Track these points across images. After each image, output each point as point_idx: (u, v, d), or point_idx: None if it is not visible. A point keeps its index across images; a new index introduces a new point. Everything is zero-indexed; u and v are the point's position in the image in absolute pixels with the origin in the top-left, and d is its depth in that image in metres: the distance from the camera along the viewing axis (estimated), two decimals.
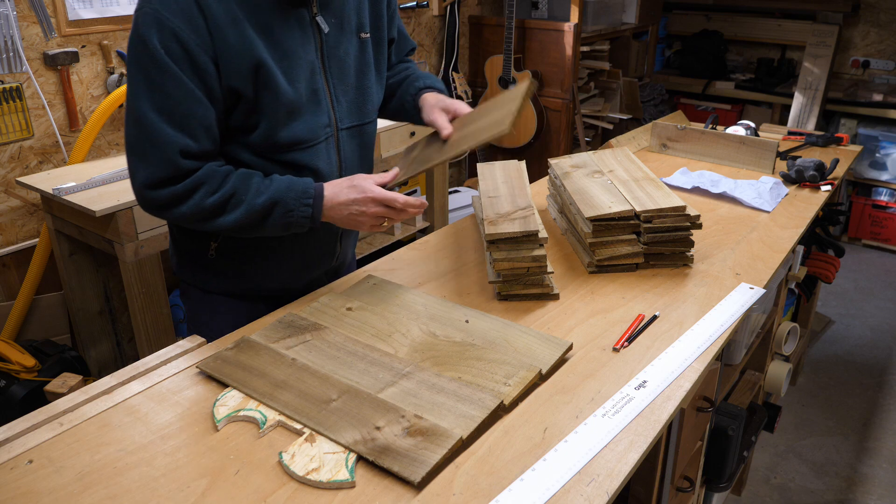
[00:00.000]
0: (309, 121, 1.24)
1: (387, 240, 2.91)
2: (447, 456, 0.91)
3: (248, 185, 1.18)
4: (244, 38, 1.13)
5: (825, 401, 2.71)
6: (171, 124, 1.11)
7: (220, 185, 1.16)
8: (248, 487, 0.88)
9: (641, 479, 1.26)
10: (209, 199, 1.15)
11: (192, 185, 1.14)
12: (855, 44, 4.30)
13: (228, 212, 1.17)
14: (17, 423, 0.99)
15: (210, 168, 1.16)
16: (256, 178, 1.19)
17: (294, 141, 1.24)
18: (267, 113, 1.19)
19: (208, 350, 1.17)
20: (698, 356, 1.16)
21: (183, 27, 1.08)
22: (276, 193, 1.18)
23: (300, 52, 1.20)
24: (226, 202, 1.16)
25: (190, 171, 1.14)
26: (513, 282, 1.33)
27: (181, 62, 1.09)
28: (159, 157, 1.11)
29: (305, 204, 1.19)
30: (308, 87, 1.23)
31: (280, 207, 1.18)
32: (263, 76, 1.15)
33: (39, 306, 2.33)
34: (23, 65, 2.16)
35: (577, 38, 3.56)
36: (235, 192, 1.16)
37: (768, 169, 2.06)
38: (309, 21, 1.21)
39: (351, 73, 1.31)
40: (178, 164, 1.12)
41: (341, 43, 1.27)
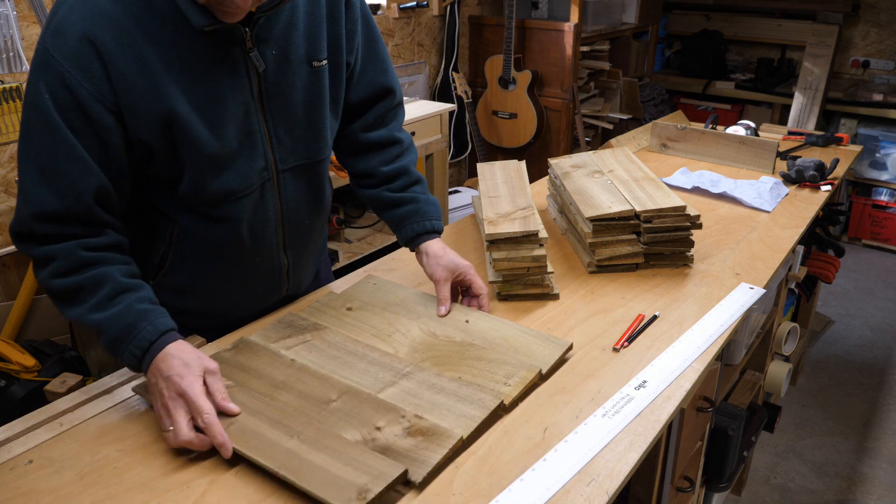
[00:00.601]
0: (241, 168, 1.10)
1: (387, 240, 2.91)
2: (448, 456, 0.91)
3: (96, 290, 1.00)
4: (154, 88, 0.99)
5: (825, 401, 2.71)
6: (41, 180, 0.98)
7: (71, 272, 1.00)
8: (248, 487, 0.88)
9: (641, 479, 1.26)
10: (55, 280, 1.00)
11: (44, 256, 1.00)
12: (855, 44, 4.31)
13: (71, 305, 1.01)
14: (17, 423, 0.99)
15: (68, 247, 1.00)
16: (108, 287, 1.00)
17: (224, 193, 1.10)
18: (188, 166, 1.06)
19: (208, 350, 1.17)
20: (698, 356, 1.16)
21: (73, 72, 0.94)
22: (110, 323, 0.99)
23: (228, 96, 1.05)
24: (69, 293, 1.01)
25: (45, 237, 1.00)
26: (513, 282, 1.33)
27: (69, 112, 0.95)
28: (20, 213, 1.00)
29: (133, 353, 0.99)
30: (240, 131, 1.08)
31: (107, 338, 1.00)
32: (179, 129, 1.02)
33: (39, 306, 2.33)
34: (23, 65, 2.16)
35: (577, 38, 3.56)
36: (82, 288, 1.00)
37: (768, 169, 2.06)
38: (241, 57, 1.05)
39: (298, 107, 1.14)
40: (32, 228, 0.99)
41: (286, 76, 1.11)
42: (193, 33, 0.99)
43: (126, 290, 1.01)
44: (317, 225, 1.32)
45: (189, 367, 0.96)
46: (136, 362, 0.99)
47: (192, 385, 0.94)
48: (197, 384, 0.95)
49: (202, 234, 1.15)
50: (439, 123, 3.00)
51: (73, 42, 0.94)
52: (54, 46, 0.94)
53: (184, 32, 0.99)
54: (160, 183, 1.10)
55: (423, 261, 1.29)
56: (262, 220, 1.18)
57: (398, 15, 3.42)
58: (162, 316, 1.01)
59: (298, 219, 1.24)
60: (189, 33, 0.99)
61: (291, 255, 1.27)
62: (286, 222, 1.22)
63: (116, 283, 1.01)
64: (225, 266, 1.20)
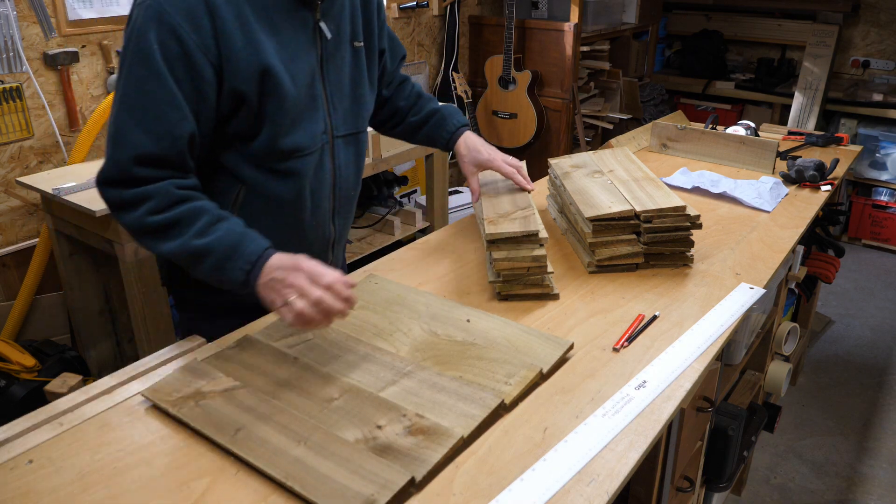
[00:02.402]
0: (308, 127, 1.22)
1: (387, 240, 2.91)
2: (448, 455, 0.91)
3: (193, 220, 1.08)
4: (253, 42, 1.10)
5: (825, 401, 2.71)
6: (139, 125, 1.05)
7: (168, 208, 1.07)
8: (248, 487, 0.88)
9: (641, 479, 1.26)
10: (151, 217, 1.07)
11: (139, 196, 1.07)
12: (855, 44, 4.31)
13: (168, 239, 1.08)
14: (17, 423, 0.99)
15: (164, 186, 1.08)
16: (207, 217, 1.09)
17: (295, 148, 1.21)
18: (270, 119, 1.16)
19: (210, 349, 1.17)
20: (698, 356, 1.16)
21: (184, 25, 1.04)
22: (216, 243, 1.07)
23: (303, 58, 1.18)
24: (167, 227, 1.07)
25: (142, 179, 1.07)
26: (513, 282, 1.33)
27: (174, 62, 1.04)
28: (116, 156, 1.06)
29: (242, 268, 1.06)
30: (308, 92, 1.21)
31: (212, 259, 1.07)
32: (270, 81, 1.12)
33: (39, 306, 2.33)
34: (23, 65, 2.16)
35: (577, 38, 3.56)
36: (179, 221, 1.07)
37: (768, 169, 2.06)
38: (312, 26, 1.19)
39: (347, 81, 1.29)
40: (130, 171, 1.06)
41: (339, 51, 1.26)
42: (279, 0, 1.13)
43: (222, 219, 1.10)
44: (355, 200, 1.44)
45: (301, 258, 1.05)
46: (244, 276, 1.06)
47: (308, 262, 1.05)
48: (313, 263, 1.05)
49: (267, 193, 1.24)
50: None
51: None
52: (168, 1, 1.03)
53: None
54: (235, 139, 1.18)
55: (458, 161, 1.51)
56: (321, 182, 1.29)
57: (398, 15, 3.42)
58: (260, 236, 1.10)
59: (347, 186, 1.36)
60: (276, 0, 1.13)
61: (338, 225, 1.39)
62: (337, 188, 1.34)
63: (213, 213, 1.10)
64: (283, 230, 1.27)
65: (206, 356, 1.13)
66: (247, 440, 0.93)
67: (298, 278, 1.03)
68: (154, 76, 1.04)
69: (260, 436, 0.93)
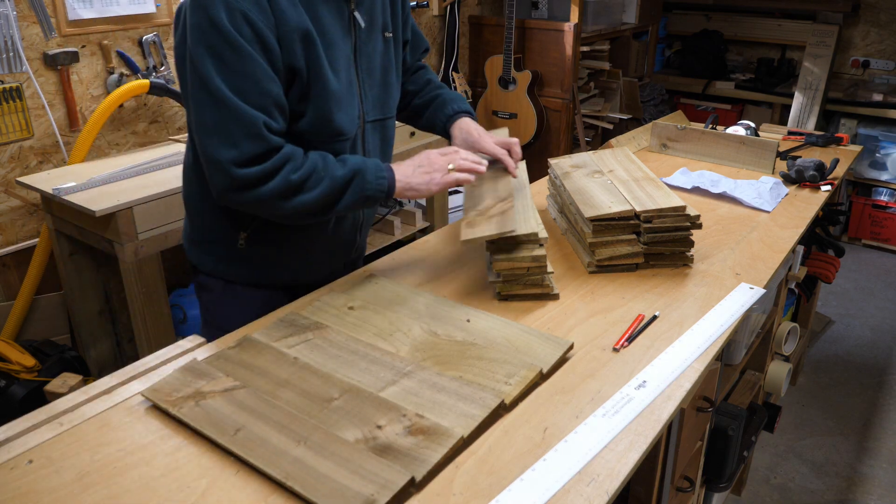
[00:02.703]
0: (348, 112, 1.29)
1: (387, 240, 2.91)
2: (448, 455, 0.91)
3: (326, 162, 1.22)
4: (302, 21, 1.17)
5: (825, 401, 2.71)
6: (250, 103, 1.13)
7: (303, 162, 1.19)
8: (248, 487, 0.88)
9: (641, 479, 1.26)
10: (294, 174, 1.17)
11: (279, 162, 1.16)
12: (855, 44, 4.31)
13: (310, 188, 1.19)
14: (17, 423, 0.99)
15: (291, 147, 1.20)
16: (330, 156, 1.23)
17: (340, 131, 1.28)
18: (315, 99, 1.22)
19: (210, 349, 1.17)
20: (698, 356, 1.16)
21: (251, 8, 1.11)
22: (354, 166, 1.22)
23: (341, 44, 1.25)
24: (308, 177, 1.19)
25: (277, 147, 1.17)
26: (513, 282, 1.33)
27: (253, 43, 1.12)
28: (247, 134, 1.13)
29: (380, 176, 1.24)
30: (345, 78, 1.27)
31: (359, 178, 1.22)
32: (314, 61, 1.20)
33: (39, 306, 2.33)
34: (23, 65, 2.16)
35: (577, 38, 3.56)
36: (316, 168, 1.20)
37: (768, 169, 2.06)
38: (348, 15, 1.26)
39: (377, 69, 1.36)
40: (268, 140, 1.15)
41: (371, 40, 1.33)
42: None
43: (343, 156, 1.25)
44: None
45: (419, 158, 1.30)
46: (386, 183, 1.25)
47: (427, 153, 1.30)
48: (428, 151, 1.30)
49: None
50: None
51: None
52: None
53: None
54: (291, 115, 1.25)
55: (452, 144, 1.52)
56: None
57: None
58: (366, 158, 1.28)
59: None
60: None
61: (364, 211, 1.48)
62: None
63: (330, 157, 1.23)
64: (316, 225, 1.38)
65: (206, 356, 1.13)
66: (247, 440, 0.93)
67: (435, 157, 1.29)
68: (245, 57, 1.11)
69: (260, 436, 0.93)
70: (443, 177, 1.27)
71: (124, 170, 2.12)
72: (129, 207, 1.95)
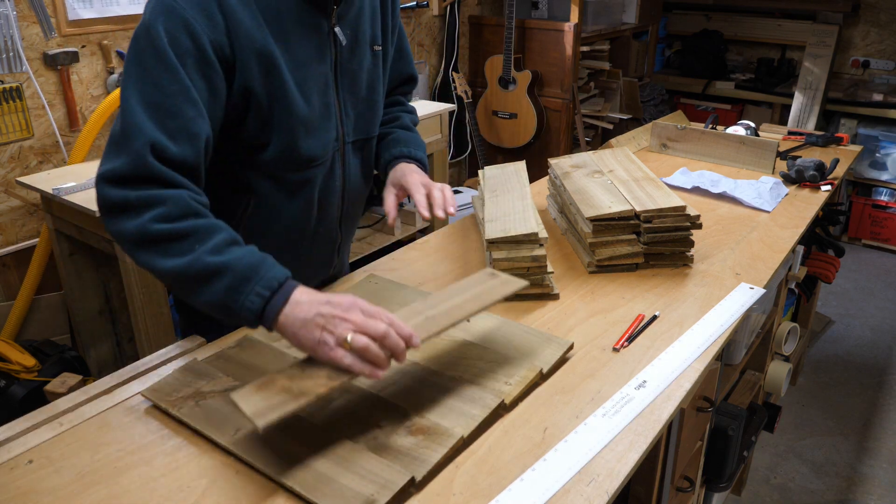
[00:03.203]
0: (322, 136, 1.19)
1: (387, 240, 2.91)
2: (448, 455, 0.91)
3: (209, 236, 0.96)
4: (264, 46, 1.06)
5: (825, 401, 2.71)
6: (152, 117, 0.97)
7: (181, 217, 0.96)
8: (248, 487, 0.88)
9: (641, 479, 1.26)
10: (159, 224, 0.94)
11: (149, 199, 0.95)
12: (855, 44, 4.31)
13: (174, 253, 0.95)
14: (17, 423, 0.99)
15: (178, 193, 0.97)
16: (224, 234, 0.98)
17: (309, 157, 1.18)
18: (279, 127, 1.12)
19: (210, 349, 1.17)
20: (698, 356, 1.16)
21: (198, 18, 0.99)
22: (234, 261, 0.94)
23: (314, 65, 1.15)
24: (176, 239, 0.95)
25: (156, 177, 0.96)
26: None
27: (185, 56, 0.99)
28: (128, 149, 0.96)
29: (259, 293, 0.92)
30: (321, 100, 1.17)
31: (229, 279, 0.93)
32: (278, 87, 1.09)
33: (39, 306, 2.33)
34: (23, 65, 2.16)
35: (577, 38, 3.56)
36: (191, 234, 0.95)
37: (768, 169, 2.06)
38: (327, 32, 1.15)
39: (363, 86, 1.26)
40: (146, 162, 0.95)
41: (355, 55, 1.22)
42: (292, 3, 1.09)
43: (238, 242, 0.98)
44: (362, 203, 1.42)
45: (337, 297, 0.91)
46: (262, 303, 0.92)
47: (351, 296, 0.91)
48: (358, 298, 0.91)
49: (277, 202, 1.21)
50: (439, 123, 3.00)
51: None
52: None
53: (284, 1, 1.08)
54: (247, 148, 1.13)
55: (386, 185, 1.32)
56: (330, 190, 1.27)
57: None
58: (280, 265, 0.97)
59: (355, 192, 1.35)
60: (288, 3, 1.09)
61: (344, 230, 1.38)
62: (346, 195, 1.32)
63: (230, 233, 0.99)
64: (291, 235, 1.26)
65: (206, 356, 1.13)
66: (247, 440, 0.93)
67: (354, 314, 0.88)
68: (167, 70, 0.98)
69: (260, 436, 0.93)
70: (332, 351, 0.87)
71: None
72: None
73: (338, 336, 0.87)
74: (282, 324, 0.92)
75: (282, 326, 0.92)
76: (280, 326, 0.92)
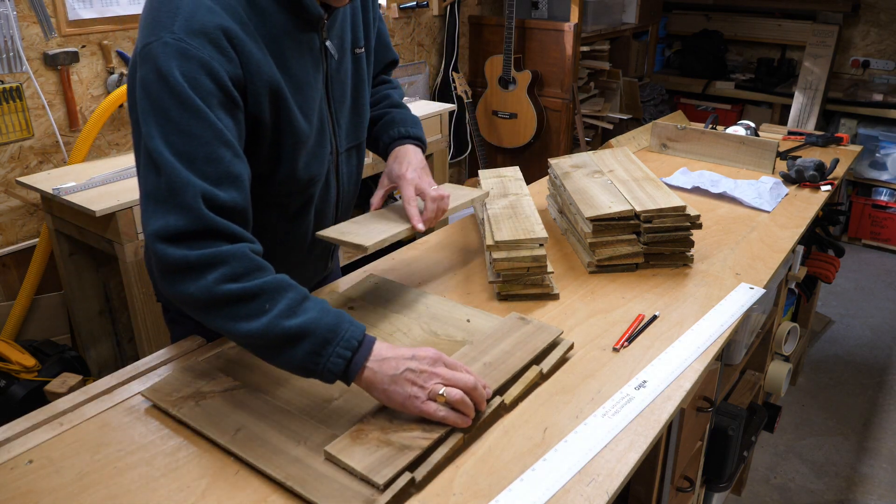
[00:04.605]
0: (319, 153, 1.18)
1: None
2: (448, 455, 0.91)
3: (280, 294, 0.91)
4: (271, 74, 1.03)
5: (825, 401, 2.71)
6: (191, 168, 0.91)
7: (247, 275, 0.91)
8: (248, 487, 0.88)
9: (641, 479, 1.26)
10: (225, 285, 0.89)
11: (212, 258, 0.90)
12: (855, 44, 4.31)
13: (243, 317, 0.90)
14: (17, 423, 0.99)
15: (240, 248, 0.92)
16: (293, 292, 0.93)
17: (310, 177, 1.17)
18: (286, 155, 1.09)
19: (210, 349, 1.17)
20: (698, 356, 1.16)
21: (215, 56, 0.94)
22: (312, 324, 0.90)
23: (312, 84, 1.12)
24: (246, 300, 0.90)
25: (213, 229, 0.91)
26: (513, 282, 1.33)
27: (209, 97, 0.93)
28: (179, 204, 0.90)
29: (341, 354, 0.90)
30: (318, 117, 1.15)
31: (310, 343, 0.90)
32: (284, 115, 1.06)
33: (39, 306, 2.33)
34: (23, 65, 2.16)
35: (577, 38, 3.56)
36: (261, 294, 0.90)
37: (768, 169, 2.06)
38: (319, 48, 1.13)
39: (348, 93, 1.23)
40: (201, 213, 0.90)
41: (342, 64, 1.20)
42: (286, 25, 1.05)
43: (308, 297, 0.94)
44: (353, 205, 1.40)
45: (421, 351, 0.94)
46: (344, 365, 0.90)
47: (438, 357, 0.93)
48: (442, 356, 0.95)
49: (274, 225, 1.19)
50: (439, 123, 3.00)
51: (211, 29, 0.94)
52: (189, 35, 0.92)
53: (279, 25, 1.05)
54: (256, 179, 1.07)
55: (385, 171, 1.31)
56: (326, 203, 1.26)
57: (398, 15, 3.42)
58: (354, 319, 0.95)
59: (348, 198, 1.34)
60: (283, 25, 1.05)
61: None
62: (340, 203, 1.31)
63: (298, 289, 0.94)
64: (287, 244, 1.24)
65: (206, 356, 1.13)
66: (247, 440, 0.93)
67: (440, 368, 0.92)
68: (196, 116, 0.92)
69: (260, 436, 0.93)
70: (423, 405, 0.90)
71: (124, 170, 2.12)
72: (129, 207, 1.95)
73: (430, 391, 0.91)
74: (368, 379, 0.92)
75: (368, 382, 0.92)
76: (366, 381, 0.92)
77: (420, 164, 1.27)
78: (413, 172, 1.24)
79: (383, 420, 0.94)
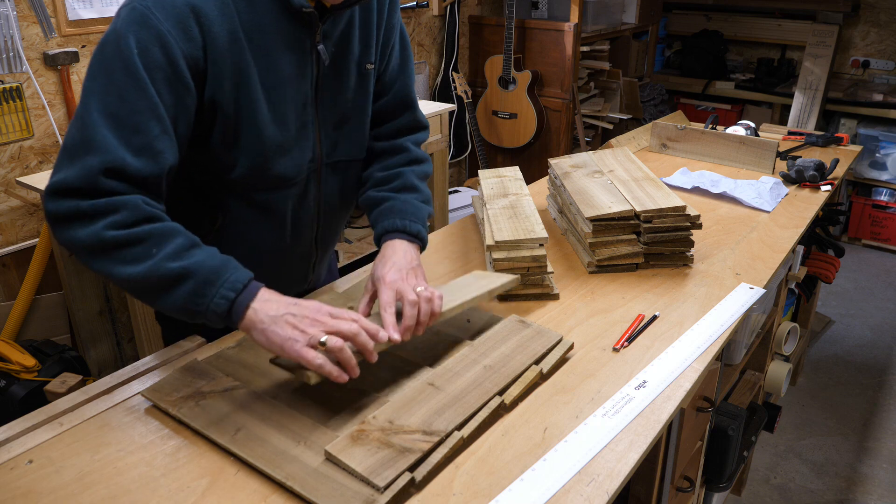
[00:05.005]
0: (296, 156, 1.14)
1: None
2: (448, 455, 0.91)
3: (166, 240, 0.93)
4: (240, 58, 1.02)
5: (825, 401, 2.71)
6: (115, 132, 0.92)
7: (134, 224, 0.92)
8: (248, 487, 0.88)
9: (641, 479, 1.26)
10: (111, 232, 0.91)
11: (101, 207, 0.91)
12: (855, 44, 4.31)
13: (132, 260, 0.92)
14: (17, 423, 0.99)
15: (132, 200, 0.93)
16: (181, 238, 0.95)
17: (279, 178, 1.13)
18: (246, 148, 1.08)
19: (210, 349, 1.17)
20: (698, 356, 1.16)
21: (174, 32, 0.95)
22: (195, 266, 0.92)
23: (293, 83, 1.10)
24: (133, 244, 0.92)
25: (106, 191, 0.92)
26: None
27: (155, 70, 0.94)
28: (82, 163, 0.91)
29: (224, 296, 0.92)
30: (298, 119, 1.12)
31: (193, 283, 0.92)
32: (247, 106, 1.05)
33: (39, 306, 2.33)
34: (23, 65, 2.16)
35: (577, 38, 3.56)
36: (148, 239, 0.92)
37: (768, 169, 2.06)
38: (309, 50, 1.10)
39: (347, 107, 1.20)
40: (96, 181, 0.91)
41: (340, 74, 1.16)
42: (273, 14, 1.04)
43: (197, 244, 0.96)
44: (342, 223, 1.37)
45: (303, 301, 0.94)
46: (227, 305, 0.92)
47: (320, 306, 0.93)
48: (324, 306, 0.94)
49: (248, 223, 1.17)
50: (439, 123, 3.00)
51: (181, 5, 0.96)
52: (157, 6, 0.94)
53: (267, 15, 1.03)
54: (216, 166, 1.09)
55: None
56: (304, 210, 1.22)
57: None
58: (242, 266, 0.96)
59: (332, 213, 1.29)
60: (272, 17, 1.04)
61: (320, 248, 1.32)
62: (321, 215, 1.26)
63: (188, 237, 0.96)
64: (262, 253, 1.22)
65: (206, 356, 1.13)
66: (247, 440, 0.93)
67: (323, 316, 0.92)
68: (135, 83, 0.93)
69: (260, 436, 0.93)
70: (304, 347, 0.90)
71: None
72: None
73: (311, 336, 0.90)
74: (250, 319, 0.93)
75: (249, 322, 0.93)
76: (248, 322, 0.93)
77: (408, 263, 1.13)
78: (395, 274, 1.09)
79: (384, 420, 0.94)
